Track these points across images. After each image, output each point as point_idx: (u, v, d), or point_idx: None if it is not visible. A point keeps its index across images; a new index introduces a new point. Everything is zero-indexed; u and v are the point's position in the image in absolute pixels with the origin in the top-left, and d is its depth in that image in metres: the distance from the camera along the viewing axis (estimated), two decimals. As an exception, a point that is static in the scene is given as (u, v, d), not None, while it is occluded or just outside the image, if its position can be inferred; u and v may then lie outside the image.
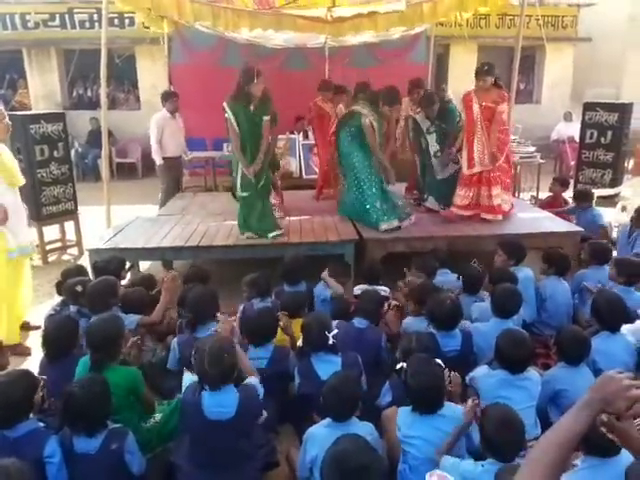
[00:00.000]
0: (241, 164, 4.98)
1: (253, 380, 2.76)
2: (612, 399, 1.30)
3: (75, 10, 11.93)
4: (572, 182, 8.18)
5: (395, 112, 5.39)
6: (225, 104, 4.87)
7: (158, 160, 7.26)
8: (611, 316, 3.34)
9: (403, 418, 2.55)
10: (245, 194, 5.14)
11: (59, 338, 3.13)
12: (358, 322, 3.53)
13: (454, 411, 2.54)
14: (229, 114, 4.86)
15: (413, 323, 3.67)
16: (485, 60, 5.58)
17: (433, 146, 6.03)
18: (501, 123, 5.57)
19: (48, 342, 3.14)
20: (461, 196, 5.65)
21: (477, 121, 5.51)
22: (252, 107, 4.89)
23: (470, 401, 2.55)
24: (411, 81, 6.31)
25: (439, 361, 2.67)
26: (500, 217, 5.65)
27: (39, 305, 4.87)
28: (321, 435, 2.40)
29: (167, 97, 7.37)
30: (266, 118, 4.96)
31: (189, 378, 2.73)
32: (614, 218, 6.44)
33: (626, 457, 2.25)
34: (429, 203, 6.25)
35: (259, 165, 5.00)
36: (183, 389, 2.72)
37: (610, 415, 1.37)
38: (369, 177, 5.48)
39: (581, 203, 6.22)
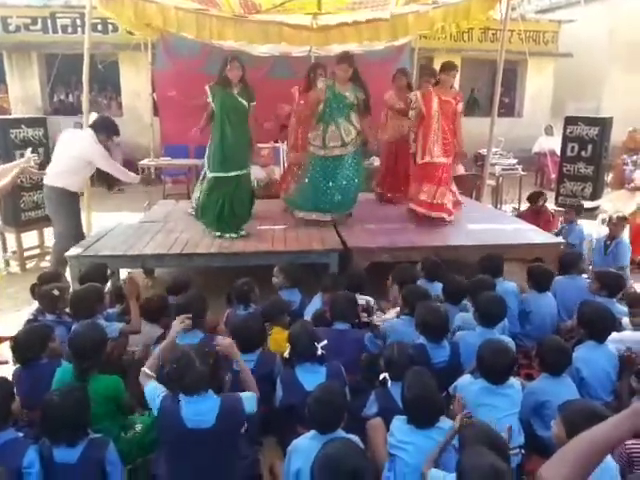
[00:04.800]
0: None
1: (247, 394, 2.69)
2: None
3: (58, 15, 11.85)
4: (554, 195, 8.29)
5: (342, 72, 5.48)
6: (207, 86, 5.20)
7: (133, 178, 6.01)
8: (599, 327, 3.35)
9: (398, 425, 2.54)
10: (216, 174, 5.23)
11: (27, 343, 3.05)
12: (338, 325, 3.56)
13: (450, 424, 2.53)
14: (208, 94, 5.16)
15: (396, 325, 3.71)
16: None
17: None
18: (459, 121, 5.87)
19: (16, 346, 3.06)
20: (424, 192, 5.77)
21: (435, 114, 5.68)
22: (235, 91, 5.16)
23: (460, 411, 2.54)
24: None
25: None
26: (452, 217, 5.90)
27: (17, 313, 4.77)
28: (306, 447, 2.36)
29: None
30: (252, 104, 5.26)
31: (154, 387, 2.64)
32: (595, 231, 6.52)
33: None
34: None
35: None
36: (148, 396, 2.60)
37: None
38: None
39: (572, 217, 6.33)
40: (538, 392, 3.02)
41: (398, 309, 3.97)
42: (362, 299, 4.18)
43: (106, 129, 5.56)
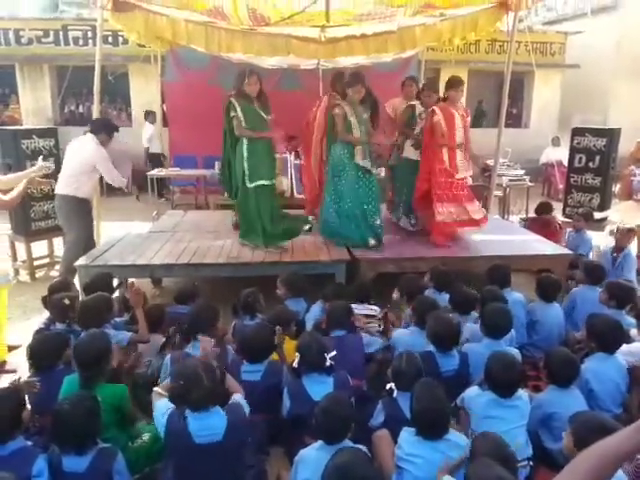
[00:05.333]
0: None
1: (238, 397, 2.72)
2: None
3: (69, 27, 12.01)
4: (561, 205, 8.28)
5: (356, 94, 5.33)
6: (232, 99, 5.16)
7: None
8: (609, 338, 3.33)
9: (406, 437, 2.53)
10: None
11: (44, 350, 3.08)
12: (334, 333, 3.57)
13: (458, 437, 2.53)
14: (235, 106, 5.12)
15: (405, 336, 3.69)
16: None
17: (418, 128, 6.12)
18: (469, 133, 5.82)
19: (33, 353, 3.09)
20: (446, 213, 5.66)
21: (458, 129, 5.61)
22: (256, 104, 5.19)
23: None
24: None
25: None
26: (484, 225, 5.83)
27: (27, 321, 4.81)
28: (313, 457, 2.37)
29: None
30: (270, 117, 5.30)
31: (162, 404, 2.63)
32: (603, 242, 6.50)
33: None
34: (402, 223, 6.38)
35: None
36: (156, 414, 2.60)
37: None
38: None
39: (583, 224, 6.32)
40: (546, 404, 3.00)
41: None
42: (370, 309, 4.19)
43: (104, 128, 5.55)
